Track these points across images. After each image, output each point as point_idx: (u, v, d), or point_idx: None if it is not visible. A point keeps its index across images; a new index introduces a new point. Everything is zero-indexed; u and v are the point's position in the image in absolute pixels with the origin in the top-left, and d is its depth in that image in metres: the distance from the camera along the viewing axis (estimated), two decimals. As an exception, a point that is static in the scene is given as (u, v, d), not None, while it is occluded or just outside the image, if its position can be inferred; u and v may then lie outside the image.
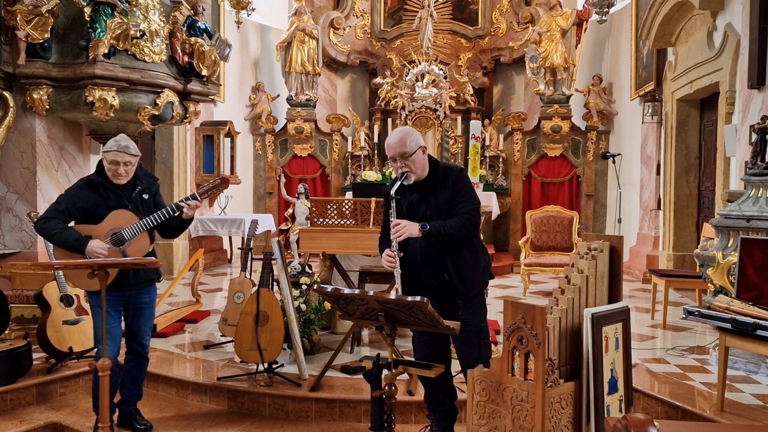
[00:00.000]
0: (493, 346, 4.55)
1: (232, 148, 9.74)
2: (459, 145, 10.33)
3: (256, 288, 4.13)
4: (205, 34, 6.23)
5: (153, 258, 3.30)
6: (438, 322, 2.35)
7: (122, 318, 3.49)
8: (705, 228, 5.70)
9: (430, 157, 3.07)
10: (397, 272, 2.92)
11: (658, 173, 8.19)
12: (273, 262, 4.11)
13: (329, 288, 2.44)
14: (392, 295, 2.33)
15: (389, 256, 2.95)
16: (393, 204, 2.96)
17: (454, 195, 2.97)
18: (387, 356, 2.46)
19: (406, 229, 2.86)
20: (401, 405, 3.65)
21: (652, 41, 7.51)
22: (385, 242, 3.09)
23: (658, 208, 8.12)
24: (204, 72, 6.21)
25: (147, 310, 3.52)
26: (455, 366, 3.20)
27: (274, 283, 4.23)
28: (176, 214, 3.37)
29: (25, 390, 3.94)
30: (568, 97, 10.01)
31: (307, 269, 4.88)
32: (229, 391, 3.98)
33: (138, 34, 5.46)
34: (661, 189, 8.03)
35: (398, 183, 2.97)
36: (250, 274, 4.90)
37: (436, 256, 2.94)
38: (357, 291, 2.40)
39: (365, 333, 5.20)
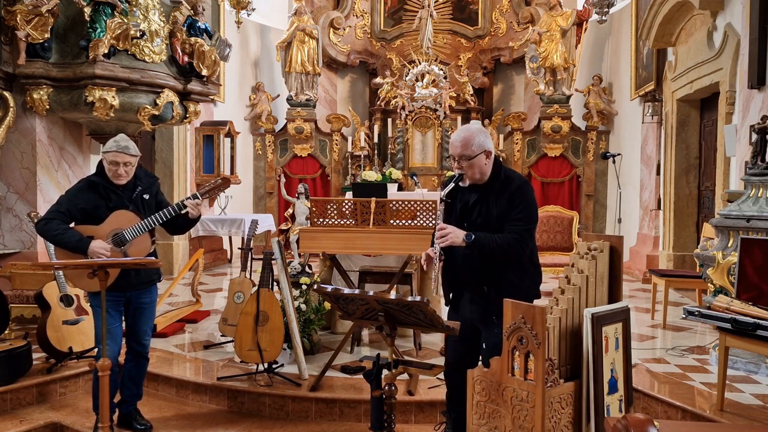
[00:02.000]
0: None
1: (232, 148, 9.74)
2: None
3: (256, 288, 4.13)
4: (205, 34, 6.23)
5: (153, 258, 3.30)
6: (438, 322, 2.35)
7: (123, 318, 3.49)
8: (705, 228, 5.70)
9: (495, 159, 2.88)
10: (434, 276, 2.81)
11: (658, 173, 8.20)
12: (273, 262, 4.11)
13: (329, 288, 2.44)
14: (392, 295, 2.33)
15: (430, 258, 2.81)
16: (441, 206, 2.81)
17: (510, 209, 2.78)
18: (387, 356, 2.46)
19: (451, 237, 2.72)
20: (401, 405, 3.65)
21: (652, 41, 7.51)
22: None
23: (658, 208, 8.13)
24: (204, 72, 6.21)
25: (148, 310, 3.52)
26: None
27: (274, 283, 4.23)
28: (181, 212, 3.37)
29: (25, 390, 3.94)
30: (568, 97, 10.02)
31: (307, 269, 4.88)
32: (229, 391, 3.98)
33: (138, 34, 5.46)
34: (661, 189, 8.04)
35: (451, 185, 2.82)
36: (250, 274, 4.90)
37: (477, 268, 2.82)
38: (357, 291, 2.40)
39: (365, 333, 5.19)
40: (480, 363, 3.01)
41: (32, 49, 5.19)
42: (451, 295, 3.00)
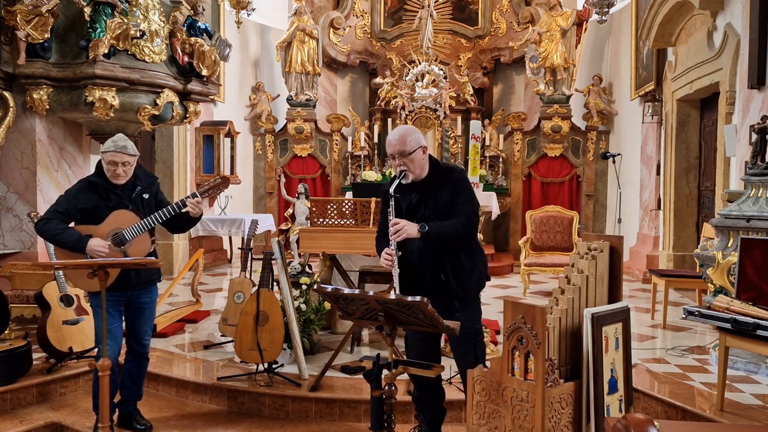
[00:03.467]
0: (493, 345, 4.56)
1: (232, 148, 9.74)
2: (459, 145, 10.34)
3: (256, 288, 4.13)
4: (205, 34, 6.23)
5: (153, 258, 3.30)
6: (438, 322, 2.35)
7: (123, 318, 3.49)
8: (705, 228, 5.70)
9: (430, 157, 3.05)
10: (395, 272, 2.89)
11: (658, 173, 8.20)
12: (273, 262, 4.11)
13: (329, 288, 2.44)
14: (392, 295, 2.33)
15: (388, 255, 2.92)
16: (392, 203, 2.93)
17: (454, 196, 2.94)
18: (387, 356, 2.46)
19: (405, 229, 2.83)
20: (401, 405, 3.64)
21: (652, 41, 7.51)
22: (382, 241, 3.06)
23: (658, 208, 8.13)
24: (204, 72, 6.21)
25: (148, 310, 3.52)
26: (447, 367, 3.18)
27: (274, 283, 4.23)
28: (180, 211, 3.37)
29: (25, 390, 3.94)
30: (568, 97, 10.02)
31: (307, 269, 4.88)
32: (229, 391, 3.98)
33: (138, 34, 5.45)
34: (661, 189, 8.04)
35: (396, 181, 2.94)
36: (250, 274, 4.90)
37: (433, 258, 2.92)
38: (357, 291, 2.40)
39: (365, 333, 5.19)
40: (454, 360, 3.09)
41: (32, 49, 5.18)
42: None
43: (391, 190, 2.93)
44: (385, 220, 2.99)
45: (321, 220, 4.51)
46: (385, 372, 2.42)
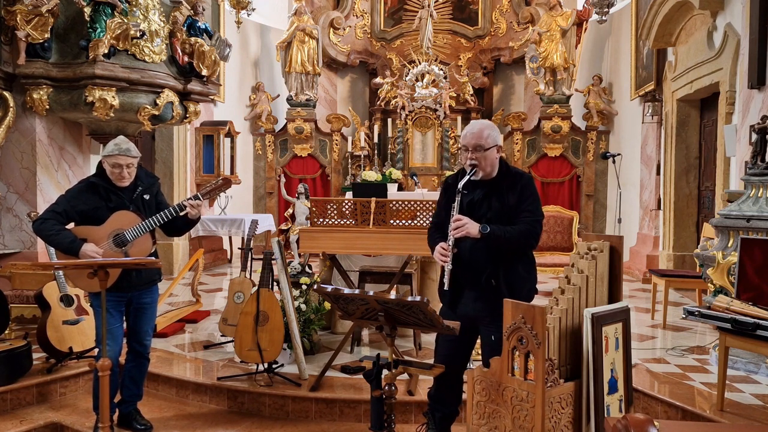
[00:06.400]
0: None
1: (232, 148, 9.74)
2: (459, 145, 10.32)
3: (256, 288, 4.13)
4: (205, 34, 6.23)
5: (152, 258, 3.30)
6: (438, 322, 2.35)
7: (124, 318, 3.49)
8: (705, 228, 5.70)
9: (501, 158, 2.98)
10: (448, 267, 2.83)
11: (658, 173, 8.20)
12: (273, 262, 4.11)
13: (329, 288, 2.44)
14: (392, 295, 2.33)
15: (443, 250, 2.84)
16: (458, 198, 2.85)
17: (520, 201, 2.86)
18: (387, 356, 2.46)
19: (467, 227, 2.76)
20: (401, 405, 3.65)
21: (652, 41, 7.51)
22: (435, 233, 2.99)
23: (658, 208, 8.13)
24: (204, 72, 6.21)
25: (149, 310, 3.52)
26: None
27: (274, 283, 4.23)
28: (181, 214, 3.38)
29: (25, 390, 3.94)
30: (568, 97, 10.02)
31: (307, 269, 4.88)
32: (229, 391, 3.98)
33: (138, 34, 5.46)
34: (661, 189, 8.04)
35: (467, 177, 2.87)
36: (250, 274, 4.90)
37: (487, 260, 2.84)
38: (357, 291, 2.40)
39: (365, 333, 5.19)
40: (476, 362, 3.01)
41: (32, 49, 5.19)
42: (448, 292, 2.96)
43: (460, 185, 2.85)
44: (443, 213, 2.93)
45: (321, 220, 4.51)
46: (385, 372, 2.42)
